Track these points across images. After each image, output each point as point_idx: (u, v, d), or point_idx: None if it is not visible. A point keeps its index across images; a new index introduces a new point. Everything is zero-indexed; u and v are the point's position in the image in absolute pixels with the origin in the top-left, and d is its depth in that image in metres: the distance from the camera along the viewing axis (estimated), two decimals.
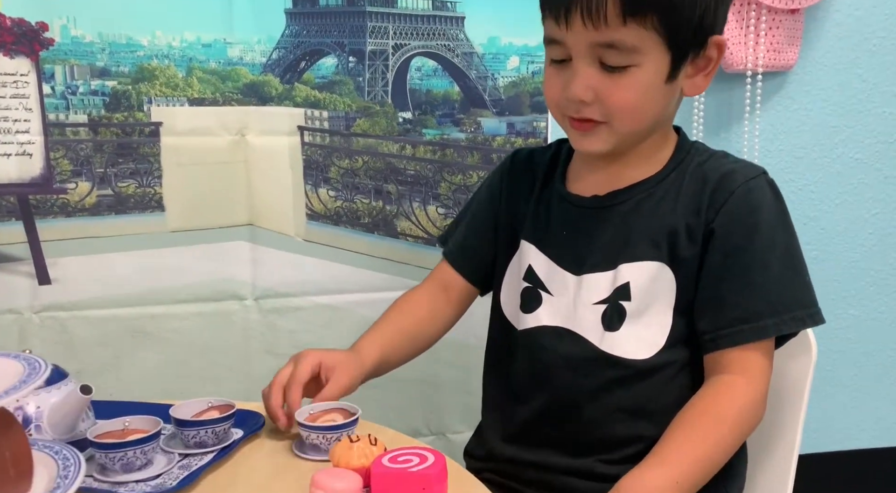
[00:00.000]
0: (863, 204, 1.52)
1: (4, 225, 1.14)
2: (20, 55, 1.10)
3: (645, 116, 0.78)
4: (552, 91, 0.80)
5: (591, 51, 0.75)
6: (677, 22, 0.74)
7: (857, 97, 1.47)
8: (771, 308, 0.76)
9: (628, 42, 0.73)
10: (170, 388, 1.23)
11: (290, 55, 1.23)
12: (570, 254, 0.84)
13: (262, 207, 1.25)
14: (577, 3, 0.73)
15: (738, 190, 0.77)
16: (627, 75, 0.75)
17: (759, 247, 0.76)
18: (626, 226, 0.81)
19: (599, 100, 0.76)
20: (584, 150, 0.82)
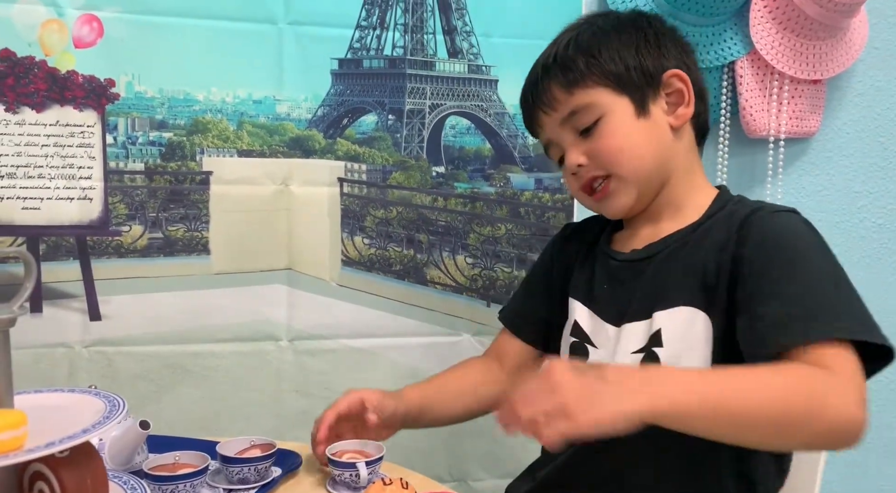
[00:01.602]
0: (885, 268, 1.54)
1: (63, 264, 1.21)
2: (88, 108, 1.19)
3: (637, 152, 0.84)
4: (571, 184, 0.89)
5: (563, 128, 0.87)
6: (611, 73, 0.85)
7: (879, 164, 1.51)
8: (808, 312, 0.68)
9: (581, 102, 0.85)
10: (206, 423, 1.28)
11: (333, 112, 1.31)
12: (612, 307, 0.88)
13: (301, 253, 1.31)
14: (537, 104, 0.88)
15: (763, 221, 0.77)
16: (600, 127, 0.84)
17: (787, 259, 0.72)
18: (660, 275, 0.84)
19: (592, 157, 0.85)
20: (612, 212, 0.88)
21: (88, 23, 1.17)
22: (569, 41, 0.88)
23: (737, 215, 0.81)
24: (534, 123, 0.91)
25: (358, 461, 0.79)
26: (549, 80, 0.87)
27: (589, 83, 0.85)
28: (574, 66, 0.86)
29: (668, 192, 0.87)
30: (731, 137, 1.39)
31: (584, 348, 0.89)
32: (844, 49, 1.39)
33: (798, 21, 1.31)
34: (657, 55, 0.87)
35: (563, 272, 0.98)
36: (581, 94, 0.85)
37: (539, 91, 0.88)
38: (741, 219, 0.80)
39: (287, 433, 1.28)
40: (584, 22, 0.91)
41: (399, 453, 1.03)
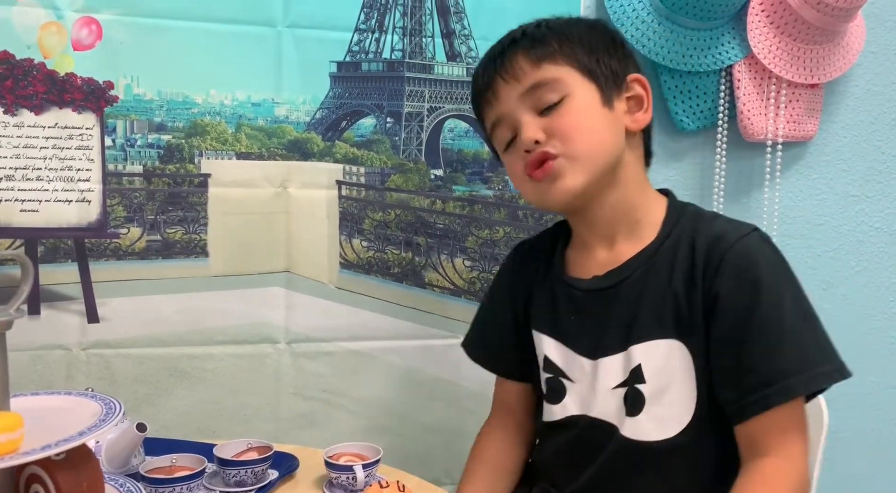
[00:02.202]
0: (882, 272, 1.54)
1: (61, 266, 1.21)
2: (87, 111, 1.19)
3: (597, 137, 0.80)
4: (515, 166, 0.83)
5: (522, 101, 0.81)
6: (582, 59, 0.82)
7: (877, 168, 1.51)
8: (794, 366, 0.73)
9: (549, 76, 0.81)
10: (203, 425, 1.28)
11: (332, 115, 1.31)
12: (583, 339, 0.84)
13: (299, 256, 1.31)
14: (498, 72, 0.82)
15: (730, 251, 0.76)
16: (564, 106, 0.80)
17: (767, 304, 0.74)
18: (629, 305, 0.80)
19: (550, 134, 0.79)
20: (556, 195, 0.80)
21: (87, 25, 1.17)
22: (539, 23, 0.86)
23: (700, 240, 0.79)
24: (487, 95, 0.84)
25: (355, 464, 0.79)
26: (516, 50, 0.83)
27: (559, 60, 0.82)
28: (546, 41, 0.83)
29: (621, 202, 0.83)
30: (729, 140, 1.39)
31: (560, 383, 0.86)
32: (842, 53, 1.39)
33: (795, 25, 1.32)
34: (622, 58, 0.86)
35: (524, 301, 0.92)
36: (550, 68, 0.82)
37: (503, 60, 0.83)
38: (706, 247, 0.78)
39: (285, 436, 1.29)
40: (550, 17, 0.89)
41: (396, 456, 1.03)
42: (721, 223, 0.81)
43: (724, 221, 0.82)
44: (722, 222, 0.82)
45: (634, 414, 0.79)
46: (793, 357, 0.74)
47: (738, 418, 0.76)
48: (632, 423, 0.79)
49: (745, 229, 0.79)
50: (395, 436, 1.33)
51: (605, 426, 0.81)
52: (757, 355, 0.74)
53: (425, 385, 1.36)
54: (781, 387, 0.73)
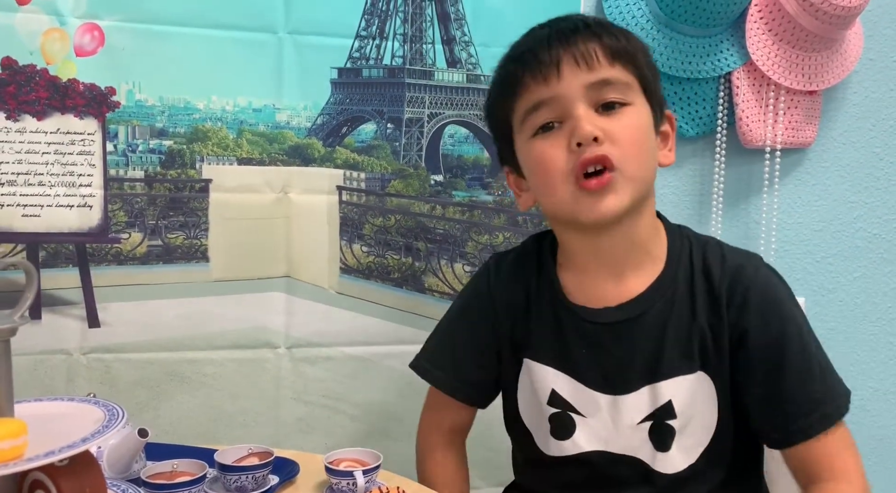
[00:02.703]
0: (881, 278, 1.55)
1: (62, 271, 1.21)
2: (89, 116, 1.20)
3: (648, 162, 0.78)
4: (556, 157, 0.75)
5: (587, 94, 0.75)
6: (646, 75, 0.79)
7: (875, 175, 1.52)
8: (827, 394, 0.77)
9: (622, 79, 0.77)
10: (203, 430, 1.28)
11: (333, 121, 1.31)
12: (596, 373, 0.80)
13: (300, 261, 1.31)
14: (569, 51, 0.75)
15: (753, 285, 0.77)
16: (625, 114, 0.76)
17: (794, 336, 0.77)
18: (652, 340, 0.78)
19: (608, 139, 0.74)
20: (604, 212, 0.75)
21: (90, 31, 1.18)
22: (608, 24, 0.81)
23: (715, 271, 0.78)
24: (547, 71, 0.75)
25: (355, 470, 0.79)
26: (593, 37, 0.77)
27: (630, 67, 0.78)
28: (623, 39, 0.78)
29: (637, 233, 0.80)
30: (728, 147, 1.40)
31: (569, 417, 0.82)
32: (840, 60, 1.40)
33: (794, 33, 1.32)
34: (660, 87, 0.84)
35: (511, 325, 0.86)
36: (623, 70, 0.77)
37: (577, 41, 0.76)
38: (728, 280, 0.78)
39: (285, 441, 1.29)
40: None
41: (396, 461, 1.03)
42: (730, 253, 0.81)
43: (731, 250, 0.82)
44: (730, 252, 0.81)
45: (664, 449, 0.79)
46: (824, 385, 0.77)
47: (782, 446, 0.78)
48: (664, 458, 0.79)
49: (757, 260, 0.80)
50: (396, 441, 1.33)
51: (632, 462, 0.80)
52: (792, 385, 0.77)
53: (425, 390, 1.36)
54: (820, 416, 0.76)
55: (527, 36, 0.82)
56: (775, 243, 1.44)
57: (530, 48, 0.78)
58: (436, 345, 0.94)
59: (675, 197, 1.44)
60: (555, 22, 0.81)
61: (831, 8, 1.27)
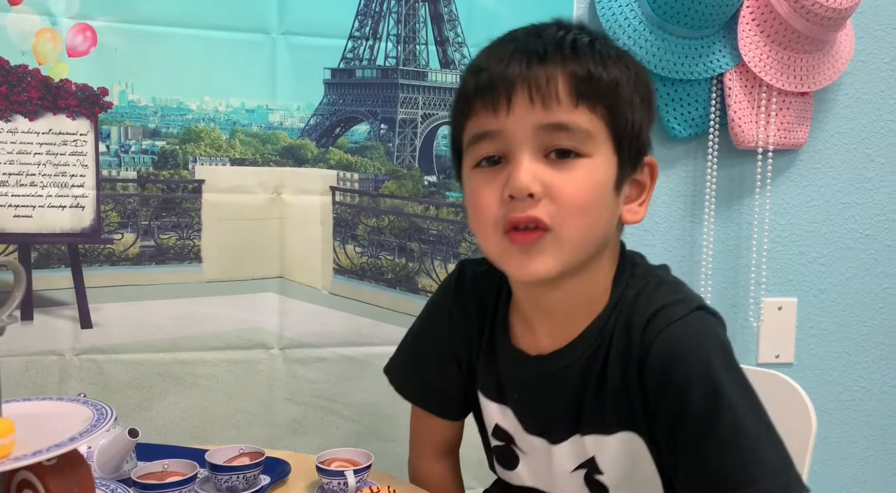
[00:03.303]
0: (873, 278, 1.56)
1: (55, 272, 1.21)
2: (81, 117, 1.20)
3: (592, 223, 0.67)
4: (488, 202, 0.66)
5: (536, 136, 0.65)
6: (621, 120, 0.67)
7: (866, 176, 1.53)
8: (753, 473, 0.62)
9: (581, 124, 0.64)
10: (196, 431, 1.28)
11: (326, 121, 1.32)
12: (532, 419, 0.77)
13: (293, 261, 1.31)
14: (524, 82, 0.64)
15: (655, 345, 0.66)
16: (578, 167, 0.65)
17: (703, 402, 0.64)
18: (575, 394, 0.72)
19: (548, 195, 0.64)
20: (531, 273, 0.67)
21: (82, 32, 1.18)
22: (594, 39, 0.68)
23: (635, 323, 0.68)
24: (498, 100, 0.65)
25: (346, 470, 0.79)
26: (560, 67, 0.65)
27: (600, 108, 0.66)
28: (602, 71, 0.66)
29: (579, 290, 0.71)
30: (720, 148, 1.40)
31: (512, 452, 0.79)
32: (831, 62, 1.41)
33: (785, 34, 1.33)
34: (649, 127, 0.71)
35: (467, 351, 0.81)
36: (586, 114, 0.65)
37: (539, 71, 0.64)
38: (639, 334, 0.67)
39: (278, 442, 1.29)
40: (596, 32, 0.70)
41: (388, 461, 1.03)
42: (660, 297, 0.69)
43: (665, 293, 0.70)
44: (662, 296, 0.69)
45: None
46: (747, 461, 0.63)
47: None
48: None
49: (678, 313, 0.67)
50: (388, 441, 1.33)
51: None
52: (690, 468, 0.66)
53: None
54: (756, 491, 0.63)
55: (493, 46, 0.70)
56: (767, 244, 1.45)
57: (487, 67, 0.67)
58: (405, 354, 0.89)
59: (668, 198, 1.44)
60: (527, 35, 0.68)
61: (822, 10, 1.28)
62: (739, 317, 1.48)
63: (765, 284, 1.45)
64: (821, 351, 1.54)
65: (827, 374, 1.54)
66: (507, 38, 0.69)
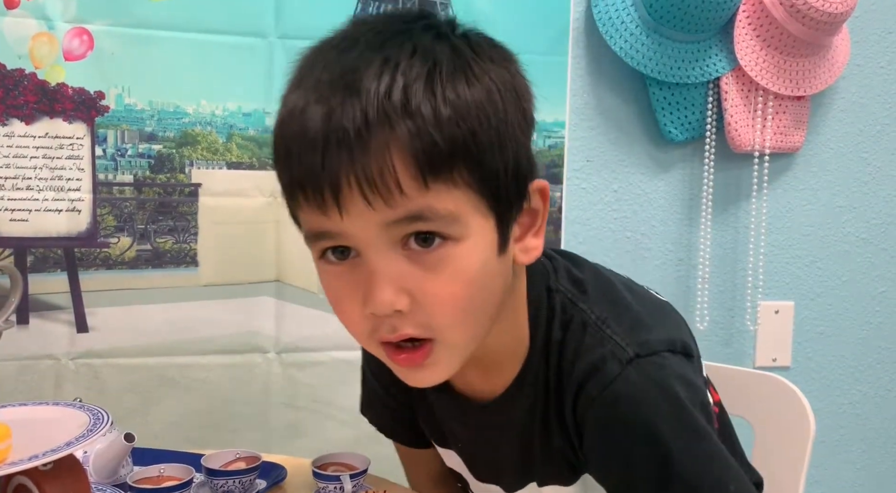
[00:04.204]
0: (870, 282, 1.56)
1: (50, 276, 1.21)
2: (78, 120, 1.20)
3: (481, 313, 0.56)
4: (348, 312, 0.55)
5: (386, 234, 0.52)
6: (491, 171, 0.53)
7: (863, 179, 1.53)
8: None
9: (440, 209, 0.51)
10: (192, 435, 1.27)
11: None
12: (481, 468, 0.73)
13: (290, 265, 1.31)
14: (349, 174, 0.50)
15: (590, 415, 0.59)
16: (447, 259, 0.52)
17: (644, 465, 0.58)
18: (522, 443, 0.66)
19: (417, 304, 0.53)
20: (425, 383, 0.59)
21: (79, 36, 1.18)
22: (427, 80, 0.52)
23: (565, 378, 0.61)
24: (326, 200, 0.51)
25: (342, 474, 0.79)
26: (392, 141, 0.50)
27: (457, 179, 0.52)
28: (443, 137, 0.51)
29: (491, 340, 0.61)
30: (717, 151, 1.41)
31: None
32: (827, 66, 1.41)
33: (781, 39, 1.33)
34: (528, 143, 0.57)
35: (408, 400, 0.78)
36: (441, 192, 0.51)
37: (366, 154, 0.50)
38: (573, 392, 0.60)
39: (274, 446, 1.28)
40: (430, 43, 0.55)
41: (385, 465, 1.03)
42: (588, 353, 0.60)
43: (591, 345, 0.60)
44: (587, 355, 0.60)
45: None
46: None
47: None
48: None
49: (614, 367, 0.58)
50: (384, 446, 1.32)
51: None
52: None
53: None
54: None
55: (298, 104, 0.54)
56: (764, 248, 1.45)
57: (298, 155, 0.52)
58: (362, 392, 0.86)
59: (665, 202, 1.45)
60: (342, 91, 0.52)
61: (818, 14, 1.29)
62: (736, 321, 1.48)
63: (762, 287, 1.45)
64: (818, 355, 1.54)
65: (824, 377, 1.55)
66: (316, 94, 0.53)
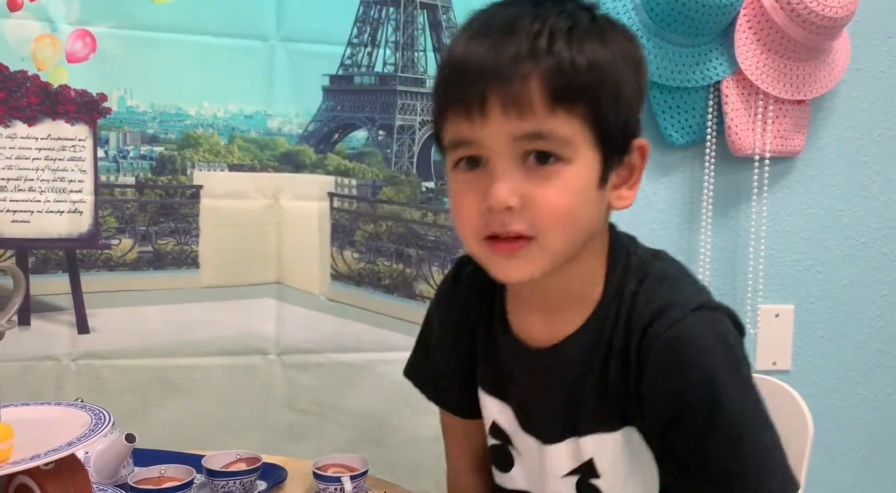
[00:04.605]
0: (870, 286, 1.56)
1: (52, 277, 1.21)
2: (80, 122, 1.20)
3: (577, 228, 0.66)
4: (468, 208, 0.65)
5: (513, 145, 0.63)
6: (606, 115, 0.64)
7: (863, 183, 1.53)
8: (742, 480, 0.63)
9: (559, 132, 0.62)
10: (192, 436, 1.28)
11: (324, 128, 1.32)
12: (529, 417, 0.75)
13: (290, 267, 1.31)
14: (496, 90, 0.61)
15: (656, 345, 0.65)
16: (558, 174, 0.63)
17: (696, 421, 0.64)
18: (574, 391, 0.71)
19: (528, 206, 0.63)
20: (512, 279, 0.67)
21: (81, 38, 1.18)
22: (569, 34, 0.63)
23: (636, 317, 0.67)
24: (472, 109, 0.63)
25: (343, 476, 0.79)
26: (536, 71, 0.62)
27: (580, 109, 0.63)
28: (576, 77, 0.62)
29: (570, 277, 0.69)
30: (717, 155, 1.41)
31: (507, 452, 0.78)
32: (827, 70, 1.41)
33: (782, 43, 1.34)
34: (639, 107, 0.69)
35: (467, 346, 0.80)
36: (563, 120, 0.63)
37: (513, 78, 0.62)
38: (640, 330, 0.66)
39: (274, 448, 1.28)
40: (575, 10, 0.65)
41: (385, 466, 1.03)
42: (662, 295, 0.68)
43: (668, 290, 0.68)
44: (664, 292, 0.68)
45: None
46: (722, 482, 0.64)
47: None
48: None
49: (682, 309, 0.66)
50: (385, 448, 1.33)
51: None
52: (684, 472, 0.66)
53: (415, 397, 1.36)
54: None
55: (465, 43, 0.65)
56: (764, 251, 1.45)
57: (459, 73, 0.64)
58: (415, 354, 0.89)
59: (665, 205, 1.45)
60: (500, 31, 0.64)
61: (818, 19, 1.29)
62: None
63: (762, 291, 1.45)
64: (818, 358, 1.54)
65: (824, 381, 1.55)
66: (479, 32, 0.65)
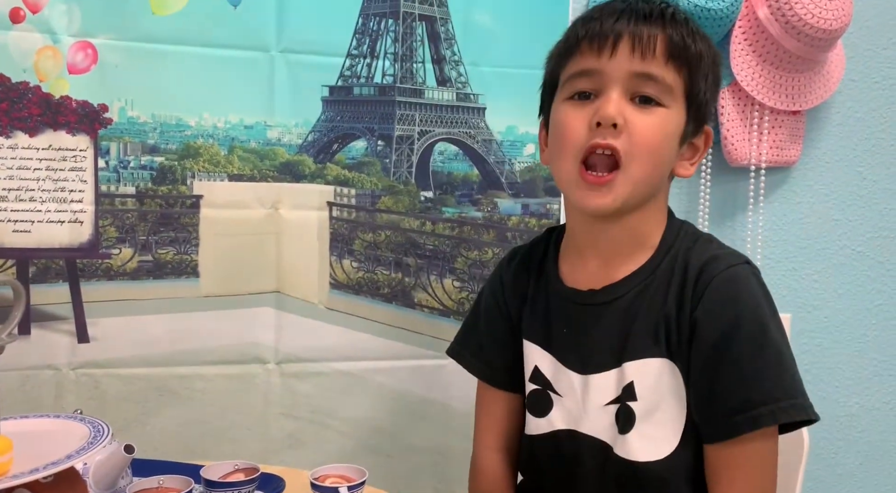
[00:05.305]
0: (865, 295, 1.57)
1: (52, 286, 1.22)
2: (81, 133, 1.21)
3: (657, 167, 0.78)
4: (575, 130, 0.77)
5: (628, 81, 0.76)
6: (697, 85, 0.78)
7: (858, 193, 1.54)
8: (764, 396, 0.74)
9: (667, 79, 0.76)
10: (191, 445, 1.28)
11: (324, 138, 1.33)
12: (574, 353, 0.83)
13: (290, 276, 1.32)
14: (630, 34, 0.76)
15: (716, 278, 0.76)
16: (655, 113, 0.76)
17: (743, 336, 0.75)
18: (624, 322, 0.80)
19: (627, 129, 0.75)
20: (595, 205, 0.77)
21: (83, 49, 1.19)
22: (686, 20, 0.79)
23: (693, 262, 0.79)
24: (606, 45, 0.76)
25: (340, 486, 0.80)
26: (661, 29, 0.77)
27: (684, 70, 0.78)
28: (691, 42, 0.78)
29: (635, 226, 0.81)
30: (713, 165, 1.42)
31: (546, 395, 0.85)
32: (822, 81, 1.42)
33: (777, 54, 1.35)
34: (713, 102, 0.83)
35: (518, 310, 0.90)
36: (672, 71, 0.77)
37: (644, 27, 0.76)
38: (697, 271, 0.78)
39: (273, 457, 1.29)
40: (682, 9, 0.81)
41: (384, 476, 1.04)
42: (714, 249, 0.81)
43: (718, 247, 0.82)
44: (715, 248, 0.81)
45: (625, 432, 0.79)
46: (764, 389, 0.74)
47: (707, 441, 0.77)
48: (622, 441, 0.79)
49: (736, 259, 0.79)
50: (384, 457, 1.33)
51: (597, 444, 0.81)
52: (728, 384, 0.75)
53: (414, 406, 1.37)
54: (750, 417, 0.74)
55: (606, 5, 0.81)
56: (760, 260, 1.46)
57: (600, 17, 0.79)
58: (463, 330, 0.99)
59: None
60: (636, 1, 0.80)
61: (813, 31, 1.30)
62: None
63: None
64: (814, 367, 1.55)
65: (820, 390, 1.55)
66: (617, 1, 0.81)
